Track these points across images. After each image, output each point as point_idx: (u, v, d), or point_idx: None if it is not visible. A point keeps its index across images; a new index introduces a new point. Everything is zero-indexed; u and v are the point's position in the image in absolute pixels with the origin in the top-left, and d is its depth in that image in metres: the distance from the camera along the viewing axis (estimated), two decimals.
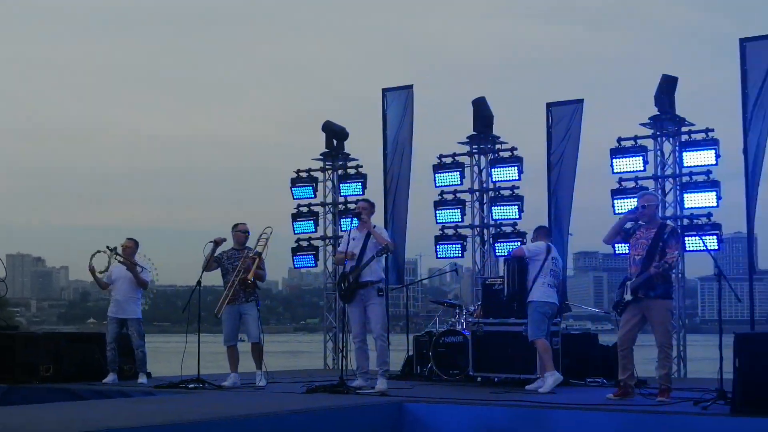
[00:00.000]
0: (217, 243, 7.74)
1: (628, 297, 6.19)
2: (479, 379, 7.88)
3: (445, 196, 10.24)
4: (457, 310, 8.80)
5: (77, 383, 7.88)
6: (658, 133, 9.44)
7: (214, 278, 7.93)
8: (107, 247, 8.22)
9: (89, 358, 8.39)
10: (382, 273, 7.17)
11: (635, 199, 7.83)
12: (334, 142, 11.24)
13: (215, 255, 7.74)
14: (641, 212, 6.28)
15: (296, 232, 11.15)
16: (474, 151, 10.36)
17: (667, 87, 9.34)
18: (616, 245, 7.68)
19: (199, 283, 7.72)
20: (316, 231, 11.15)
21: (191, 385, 7.46)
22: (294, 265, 11.50)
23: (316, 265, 11.36)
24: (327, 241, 11.17)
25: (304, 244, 11.16)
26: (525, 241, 9.14)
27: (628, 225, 6.40)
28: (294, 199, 11.21)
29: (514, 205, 9.80)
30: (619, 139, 9.37)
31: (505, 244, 9.69)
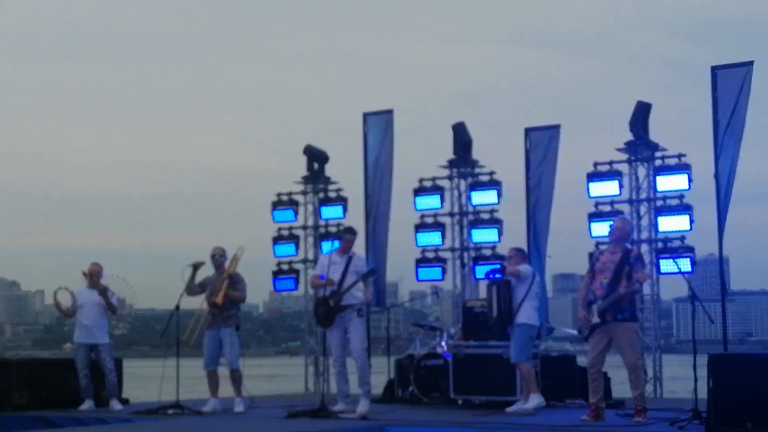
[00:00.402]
0: (196, 266, 7.73)
1: (595, 320, 6.24)
2: (460, 401, 7.90)
3: (425, 219, 10.32)
4: (438, 333, 8.85)
5: (53, 410, 7.74)
6: (632, 158, 9.63)
7: (193, 302, 7.90)
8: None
9: (65, 384, 8.22)
10: (362, 296, 7.21)
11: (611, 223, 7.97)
12: (315, 165, 11.30)
13: (200, 280, 7.73)
14: (612, 230, 6.49)
15: (277, 255, 11.16)
16: (454, 175, 10.48)
17: (642, 113, 9.54)
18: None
19: (177, 307, 7.69)
20: (297, 254, 11.16)
21: (170, 411, 7.39)
22: (275, 288, 11.50)
23: (297, 289, 11.35)
24: (308, 264, 11.19)
25: (285, 267, 11.16)
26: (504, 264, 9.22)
27: (601, 249, 6.53)
28: (275, 222, 11.22)
29: (494, 228, 9.91)
30: (595, 164, 9.56)
31: (484, 266, 9.77)
